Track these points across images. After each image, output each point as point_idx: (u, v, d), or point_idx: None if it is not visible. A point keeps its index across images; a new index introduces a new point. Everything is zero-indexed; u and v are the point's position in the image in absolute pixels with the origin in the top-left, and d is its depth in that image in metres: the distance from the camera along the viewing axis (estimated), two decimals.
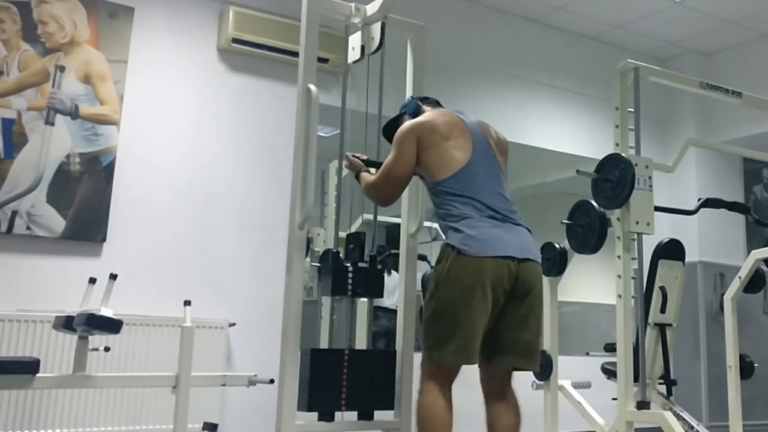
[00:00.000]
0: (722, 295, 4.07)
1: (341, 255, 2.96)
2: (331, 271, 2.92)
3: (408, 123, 2.78)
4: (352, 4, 3.17)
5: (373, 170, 2.93)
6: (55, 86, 3.99)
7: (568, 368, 4.21)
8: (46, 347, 3.67)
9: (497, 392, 2.67)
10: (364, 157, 3.00)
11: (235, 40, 4.46)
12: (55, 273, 3.86)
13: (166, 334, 3.94)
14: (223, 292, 4.28)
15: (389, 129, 3.02)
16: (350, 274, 2.92)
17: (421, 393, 2.56)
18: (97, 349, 3.03)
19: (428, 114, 2.84)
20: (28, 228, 3.84)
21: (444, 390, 2.55)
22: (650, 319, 3.77)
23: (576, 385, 4.07)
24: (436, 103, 3.01)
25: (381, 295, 3.05)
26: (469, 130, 2.76)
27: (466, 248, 2.53)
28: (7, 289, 3.74)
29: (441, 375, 2.56)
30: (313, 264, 4.05)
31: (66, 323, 2.97)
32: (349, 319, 3.09)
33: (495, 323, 2.60)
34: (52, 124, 3.96)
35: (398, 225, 3.19)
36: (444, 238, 2.68)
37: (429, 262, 4.67)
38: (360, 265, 2.95)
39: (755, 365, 3.88)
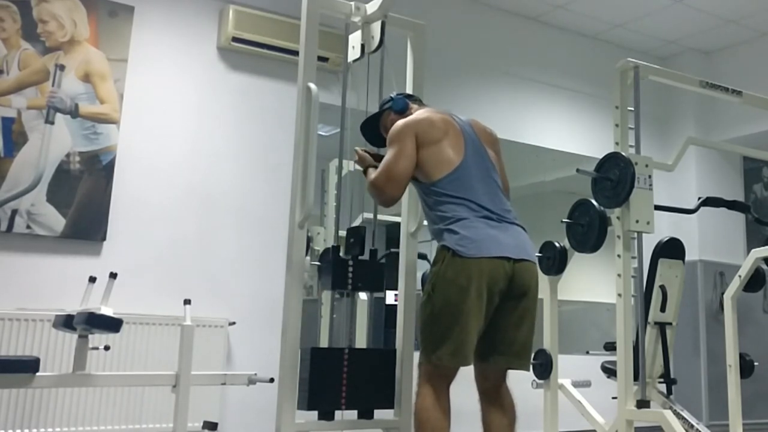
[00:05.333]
0: (722, 293, 4.06)
1: (341, 251, 2.94)
2: (331, 265, 2.90)
3: (405, 120, 2.73)
4: (352, 3, 3.17)
5: None
6: (55, 85, 3.99)
7: (568, 367, 4.21)
8: (46, 346, 3.67)
9: (492, 391, 2.67)
10: (374, 151, 2.92)
11: (235, 39, 4.46)
12: (55, 272, 3.86)
13: (166, 332, 3.94)
14: (223, 291, 4.28)
15: (369, 126, 2.99)
16: (350, 268, 2.91)
17: (418, 395, 2.56)
18: (97, 348, 3.03)
19: (422, 111, 2.81)
20: (28, 227, 3.84)
21: (442, 392, 2.55)
22: (650, 318, 3.77)
23: (576, 384, 4.07)
24: (420, 102, 2.98)
25: (382, 289, 3.03)
26: (461, 129, 2.74)
27: (461, 249, 2.52)
28: (7, 288, 3.74)
29: (439, 377, 2.56)
30: (313, 263, 4.07)
31: (66, 322, 2.97)
32: (349, 317, 3.09)
33: (490, 323, 2.60)
34: (52, 122, 3.96)
35: (398, 224, 3.18)
36: (435, 242, 2.66)
37: (429, 261, 4.68)
38: (360, 258, 2.94)
39: (755, 364, 3.87)
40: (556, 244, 3.88)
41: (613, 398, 3.28)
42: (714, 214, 5.38)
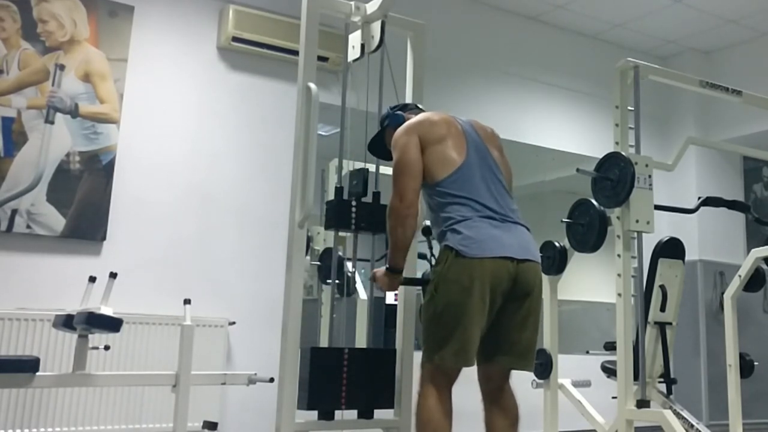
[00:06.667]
0: (722, 293, 4.06)
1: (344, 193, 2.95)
2: (335, 205, 2.91)
3: (406, 123, 2.76)
4: (352, 3, 3.17)
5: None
6: (55, 85, 3.98)
7: (568, 367, 4.21)
8: (46, 346, 3.67)
9: (495, 392, 2.67)
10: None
11: (235, 39, 4.46)
12: (55, 271, 3.86)
13: (166, 332, 3.94)
14: (223, 291, 4.28)
15: (375, 145, 3.01)
16: (354, 209, 2.92)
17: (420, 396, 2.55)
18: (97, 348, 3.02)
19: (422, 114, 2.83)
20: (28, 226, 3.84)
21: (444, 393, 2.54)
22: (650, 318, 3.76)
23: (576, 384, 4.06)
24: (416, 107, 2.98)
25: (385, 231, 2.99)
26: (462, 130, 2.75)
27: (464, 249, 2.52)
28: (7, 288, 3.74)
29: (441, 377, 2.55)
30: (313, 263, 4.07)
31: (66, 322, 2.97)
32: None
33: (494, 324, 2.59)
34: (52, 122, 3.96)
35: None
36: (438, 244, 2.66)
37: (429, 261, 4.69)
38: (363, 200, 2.97)
39: (755, 364, 3.87)
40: (556, 244, 3.88)
41: (613, 398, 3.28)
42: (714, 214, 5.38)
